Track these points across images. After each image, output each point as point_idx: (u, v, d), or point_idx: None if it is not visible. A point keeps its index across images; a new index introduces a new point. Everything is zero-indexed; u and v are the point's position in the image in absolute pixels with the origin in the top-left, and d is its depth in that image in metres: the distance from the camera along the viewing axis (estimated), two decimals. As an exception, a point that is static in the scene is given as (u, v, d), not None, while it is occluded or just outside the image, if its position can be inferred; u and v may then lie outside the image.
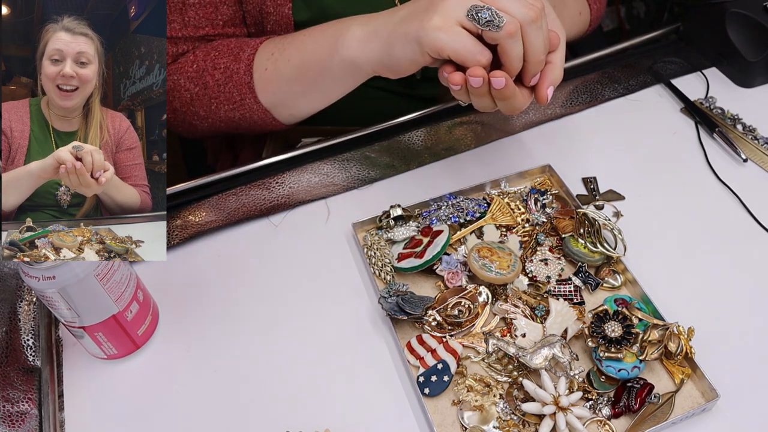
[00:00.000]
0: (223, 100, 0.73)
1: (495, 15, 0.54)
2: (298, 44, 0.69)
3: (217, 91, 0.73)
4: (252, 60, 0.71)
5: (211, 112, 0.75)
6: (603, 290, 0.63)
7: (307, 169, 0.76)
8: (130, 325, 0.58)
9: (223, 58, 0.72)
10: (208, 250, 0.69)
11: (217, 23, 0.75)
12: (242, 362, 0.60)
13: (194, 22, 0.74)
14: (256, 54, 0.71)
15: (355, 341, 0.60)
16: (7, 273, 0.66)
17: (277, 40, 0.71)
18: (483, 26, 0.54)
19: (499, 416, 0.54)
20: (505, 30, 0.54)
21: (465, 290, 0.61)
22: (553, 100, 0.82)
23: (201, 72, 0.73)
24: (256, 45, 0.72)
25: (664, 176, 0.73)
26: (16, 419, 0.56)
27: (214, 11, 0.74)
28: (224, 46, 0.73)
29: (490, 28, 0.54)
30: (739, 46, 0.81)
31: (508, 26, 0.54)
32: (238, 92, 0.72)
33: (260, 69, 0.71)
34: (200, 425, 0.56)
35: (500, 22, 0.54)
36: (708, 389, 0.54)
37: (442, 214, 0.67)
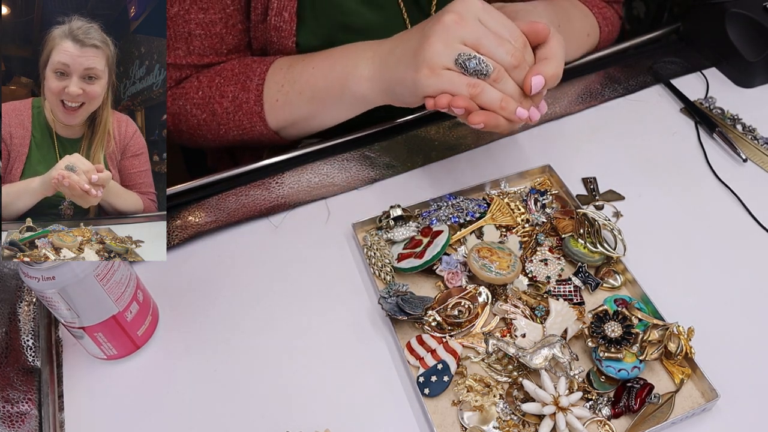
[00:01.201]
0: (232, 126, 0.74)
1: (482, 64, 0.57)
2: (307, 77, 0.70)
3: (226, 119, 0.74)
4: (261, 90, 0.72)
5: (219, 135, 0.76)
6: (603, 290, 0.63)
7: (307, 169, 0.76)
8: (130, 325, 0.57)
9: (230, 86, 0.73)
10: (208, 250, 0.69)
11: (221, 52, 0.75)
12: (242, 362, 0.60)
13: (199, 51, 0.74)
14: (264, 84, 0.72)
15: (355, 341, 0.60)
16: (7, 273, 0.66)
17: (285, 68, 0.72)
18: (471, 74, 0.57)
19: (499, 416, 0.54)
20: (492, 78, 0.57)
21: (465, 290, 0.61)
22: (554, 101, 0.82)
23: (208, 99, 0.74)
24: (263, 73, 0.72)
25: (664, 176, 0.73)
26: (16, 420, 0.55)
27: (220, 42, 0.74)
28: (228, 71, 0.74)
29: (477, 75, 0.57)
30: (739, 46, 0.81)
31: (494, 74, 0.57)
32: (249, 120, 0.73)
33: (271, 100, 0.72)
34: (200, 425, 0.56)
35: (488, 71, 0.57)
36: (708, 389, 0.54)
37: (442, 214, 0.67)
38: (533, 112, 0.59)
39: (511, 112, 0.57)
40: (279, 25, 0.72)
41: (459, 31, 0.57)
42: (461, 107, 0.57)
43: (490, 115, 0.58)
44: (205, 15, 0.71)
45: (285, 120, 0.73)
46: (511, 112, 0.57)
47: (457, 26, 0.57)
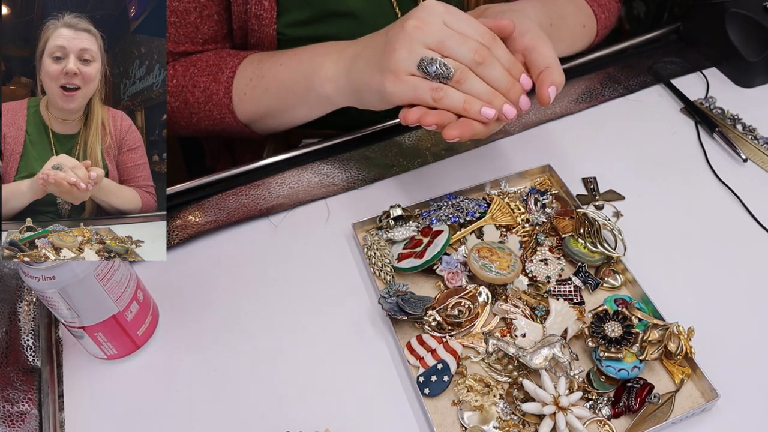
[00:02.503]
0: (203, 116, 0.75)
1: (443, 67, 0.56)
2: (275, 73, 0.70)
3: (197, 109, 0.74)
4: (231, 83, 0.72)
5: (191, 124, 0.77)
6: (603, 290, 0.63)
7: (307, 169, 0.76)
8: (130, 325, 0.57)
9: (202, 76, 0.73)
10: (208, 250, 0.69)
11: (197, 41, 0.75)
12: (242, 362, 0.60)
13: (174, 38, 0.74)
14: (235, 77, 0.72)
15: (355, 341, 0.60)
16: (7, 273, 0.66)
17: (255, 62, 0.72)
18: (434, 78, 0.57)
19: (499, 416, 0.54)
20: (454, 80, 0.57)
21: (465, 290, 0.61)
22: (554, 101, 0.81)
23: (181, 88, 0.74)
24: (235, 66, 0.73)
25: (663, 176, 0.73)
26: (16, 419, 0.55)
27: (194, 30, 0.74)
28: (203, 62, 0.74)
29: (440, 79, 0.57)
30: (739, 46, 0.81)
31: (457, 75, 0.57)
32: (218, 112, 0.74)
33: (239, 93, 0.72)
34: (200, 425, 0.56)
35: (449, 74, 0.57)
36: (708, 389, 0.54)
37: (442, 214, 0.67)
38: (507, 109, 0.58)
39: (476, 113, 0.57)
40: (259, 12, 0.72)
41: (421, 35, 0.57)
42: (431, 124, 0.57)
43: (464, 127, 0.57)
44: (179, 3, 0.72)
45: (253, 114, 0.73)
46: (476, 112, 0.57)
47: (419, 31, 0.57)
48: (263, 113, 0.73)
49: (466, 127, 0.57)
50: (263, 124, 0.75)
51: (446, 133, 0.57)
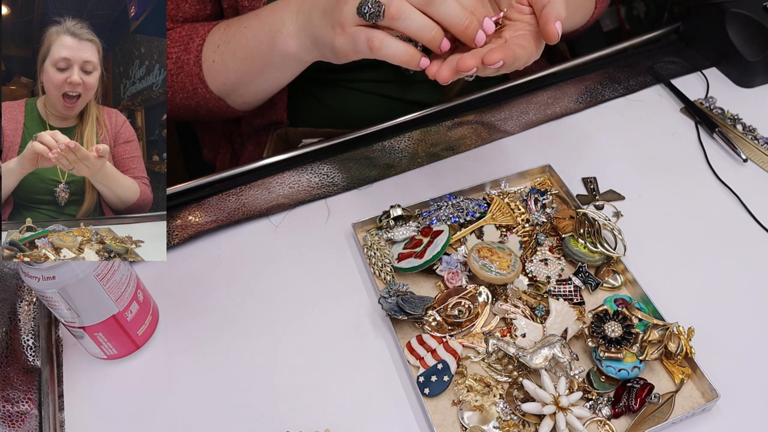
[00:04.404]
0: (177, 89, 0.74)
1: (374, 6, 0.51)
2: (240, 37, 0.69)
3: (171, 81, 0.73)
4: (200, 51, 0.71)
5: (168, 99, 0.75)
6: (603, 290, 0.63)
7: (307, 169, 0.76)
8: (130, 325, 0.58)
9: (174, 47, 0.72)
10: (208, 250, 0.69)
11: (176, 18, 0.75)
12: (242, 362, 0.60)
13: None
14: (204, 44, 0.71)
15: (355, 341, 0.60)
16: (7, 273, 0.66)
17: (222, 29, 0.71)
18: (372, 20, 0.52)
19: (499, 416, 0.54)
20: (388, 16, 0.51)
21: (465, 290, 0.61)
22: (554, 101, 0.82)
23: None
24: (204, 34, 0.72)
25: (663, 176, 0.73)
26: (16, 419, 0.56)
27: (175, 8, 0.74)
28: (176, 34, 0.73)
29: (376, 20, 0.52)
30: (739, 46, 0.81)
31: (390, 11, 0.51)
32: (190, 82, 0.73)
33: (208, 61, 0.71)
34: (200, 425, 0.56)
35: (379, 10, 0.51)
36: (708, 389, 0.54)
37: (442, 214, 0.67)
38: (444, 43, 0.53)
39: (417, 63, 0.53)
40: None
41: None
42: (446, 78, 0.52)
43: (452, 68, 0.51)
44: None
45: (223, 83, 0.72)
46: (416, 63, 0.53)
47: None
48: (234, 81, 0.72)
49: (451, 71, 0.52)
50: (237, 95, 0.74)
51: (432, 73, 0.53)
